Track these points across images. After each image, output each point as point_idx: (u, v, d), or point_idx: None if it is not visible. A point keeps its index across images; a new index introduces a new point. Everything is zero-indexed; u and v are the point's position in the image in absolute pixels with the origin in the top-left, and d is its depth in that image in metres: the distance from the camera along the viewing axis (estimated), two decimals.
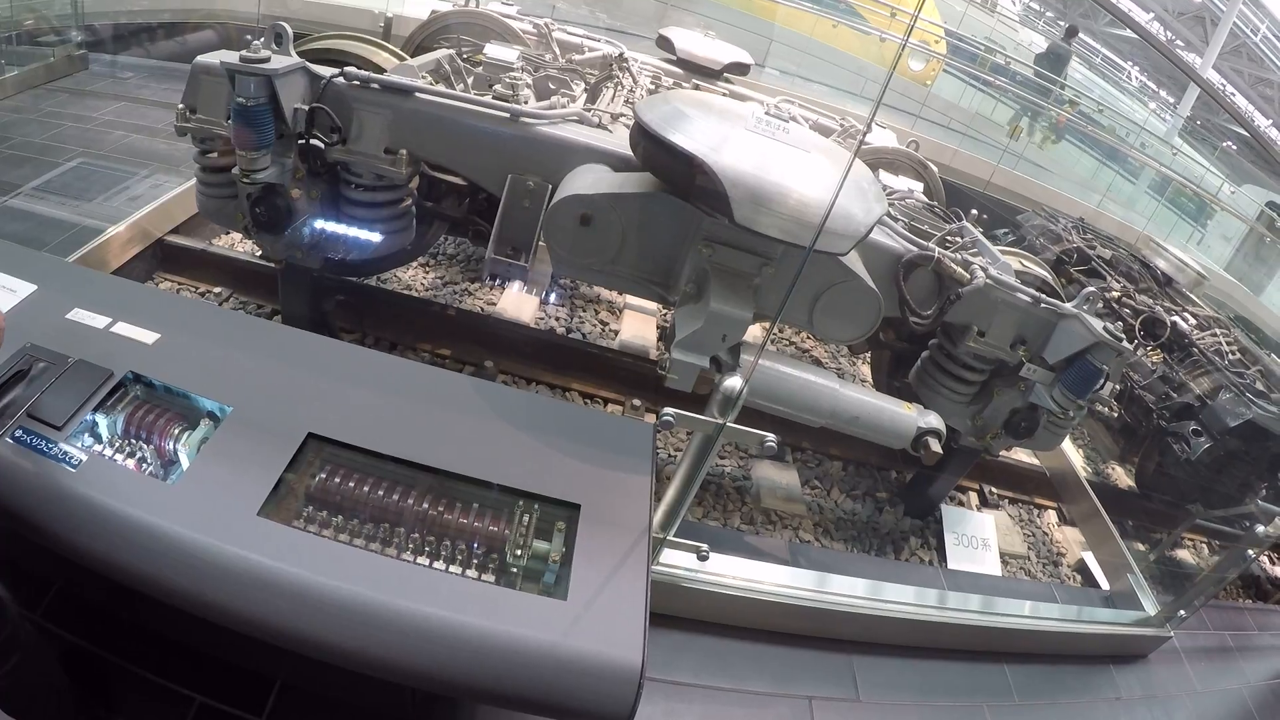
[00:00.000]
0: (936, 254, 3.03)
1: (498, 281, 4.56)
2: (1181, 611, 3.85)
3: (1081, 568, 4.34)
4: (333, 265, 3.44)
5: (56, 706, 1.87)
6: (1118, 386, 4.92)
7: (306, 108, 2.85)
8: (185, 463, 1.70)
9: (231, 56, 2.71)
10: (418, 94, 2.94)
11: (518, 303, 4.39)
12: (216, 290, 3.90)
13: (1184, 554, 5.24)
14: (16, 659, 1.63)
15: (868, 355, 4.88)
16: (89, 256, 3.54)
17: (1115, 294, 5.11)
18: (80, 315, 1.93)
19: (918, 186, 4.01)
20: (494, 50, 3.70)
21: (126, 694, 2.13)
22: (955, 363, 3.30)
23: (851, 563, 3.58)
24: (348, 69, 2.92)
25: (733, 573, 3.03)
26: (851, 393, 3.02)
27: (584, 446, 1.96)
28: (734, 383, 2.19)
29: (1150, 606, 3.88)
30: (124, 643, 2.22)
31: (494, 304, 4.39)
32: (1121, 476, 5.62)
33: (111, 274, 3.47)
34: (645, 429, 2.12)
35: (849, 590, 3.21)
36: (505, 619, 1.52)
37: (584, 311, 4.65)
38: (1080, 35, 13.01)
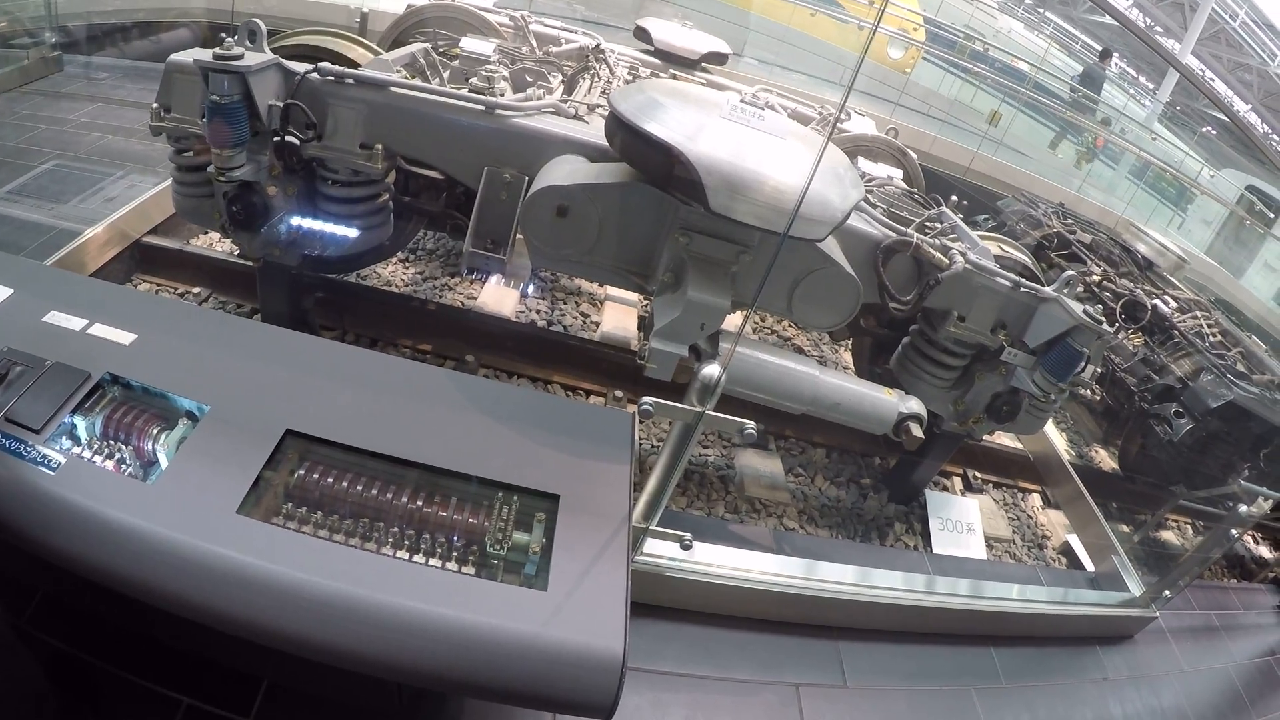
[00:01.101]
0: (915, 239, 3.04)
1: (477, 275, 4.55)
2: (1166, 592, 3.88)
3: (1066, 550, 4.37)
4: (311, 262, 3.42)
5: (37, 713, 1.87)
6: (1099, 369, 4.94)
7: (281, 104, 2.84)
8: (164, 462, 1.69)
9: (205, 54, 2.69)
10: (393, 88, 2.93)
11: (498, 296, 4.38)
12: (195, 290, 3.88)
13: (1168, 535, 5.28)
14: None
15: (849, 342, 4.90)
16: (66, 259, 3.51)
17: (1096, 278, 5.14)
18: (57, 318, 1.92)
19: (897, 173, 4.02)
20: (470, 43, 3.70)
21: (113, 698, 2.13)
22: (936, 348, 3.31)
23: (837, 549, 3.59)
24: (322, 65, 2.90)
25: (717, 561, 3.03)
26: (832, 379, 3.03)
27: (563, 437, 1.96)
28: (712, 370, 2.20)
29: (1135, 587, 3.92)
30: (109, 647, 2.21)
31: (474, 298, 4.38)
32: (1105, 459, 5.66)
33: (90, 276, 3.45)
34: (624, 418, 2.12)
35: (835, 577, 3.23)
36: (486, 611, 1.52)
37: (565, 304, 4.64)
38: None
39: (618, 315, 4.59)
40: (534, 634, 1.50)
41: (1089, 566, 4.21)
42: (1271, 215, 12.64)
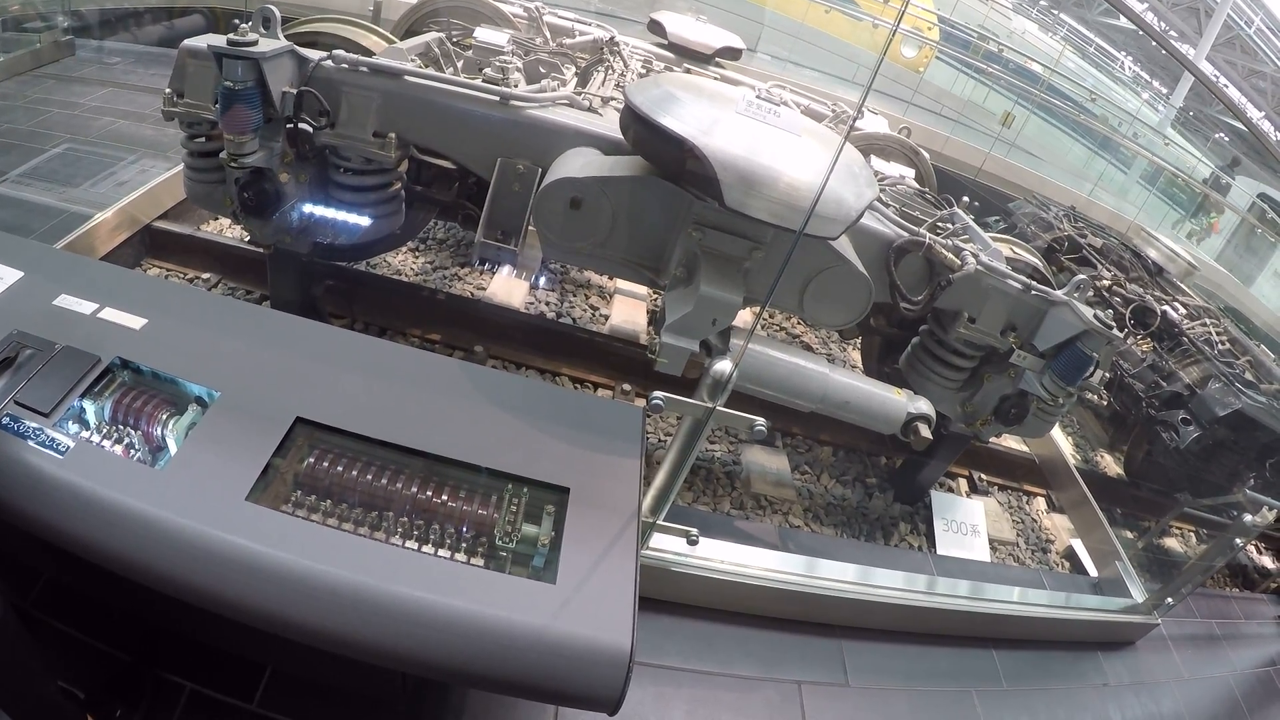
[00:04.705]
0: (928, 240, 3.03)
1: (487, 266, 4.55)
2: (1169, 599, 3.87)
3: (1070, 555, 4.36)
4: (321, 250, 3.42)
5: (39, 696, 1.86)
6: (1107, 374, 4.94)
7: (295, 91, 2.83)
8: (173, 448, 1.69)
9: (219, 40, 2.68)
10: (407, 77, 2.92)
11: (508, 287, 4.38)
12: (205, 276, 3.89)
13: (1172, 542, 5.27)
14: None
15: (858, 340, 4.89)
16: (76, 243, 3.51)
17: (1106, 282, 5.13)
18: (67, 301, 1.92)
19: (909, 173, 4.01)
20: (484, 34, 3.69)
21: (116, 682, 2.13)
22: (945, 349, 3.30)
23: (841, 548, 3.59)
24: (336, 52, 2.89)
25: (722, 557, 3.03)
26: (842, 378, 3.02)
27: (573, 430, 1.96)
28: (724, 367, 2.19)
29: (1138, 594, 3.91)
30: (113, 631, 2.22)
31: (484, 289, 4.38)
32: (1110, 464, 5.64)
33: (99, 260, 3.45)
34: (635, 412, 2.12)
35: (838, 575, 3.23)
36: (494, 603, 1.52)
37: (574, 296, 4.64)
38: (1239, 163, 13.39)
39: (627, 308, 4.59)
40: (542, 627, 1.50)
41: (1092, 571, 4.21)
42: None
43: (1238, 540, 3.83)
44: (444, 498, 1.70)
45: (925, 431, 3.07)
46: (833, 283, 2.91)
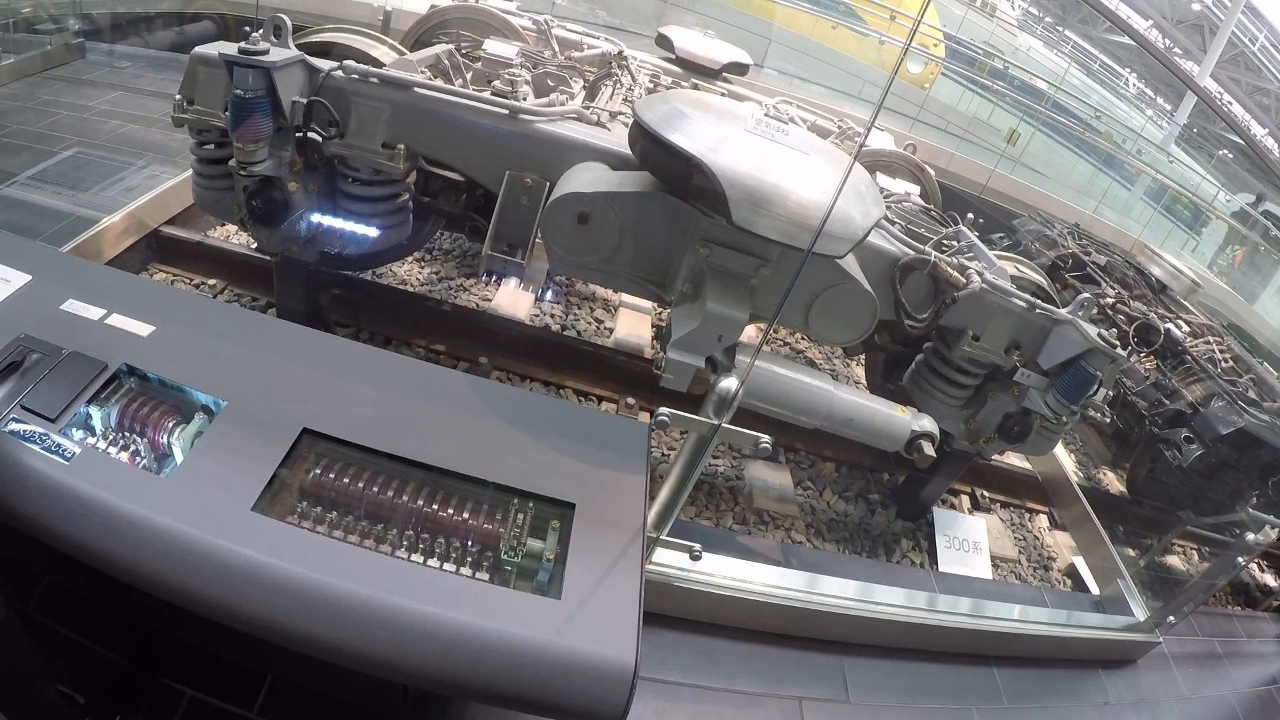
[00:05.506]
0: (933, 258, 3.03)
1: (494, 278, 4.55)
2: (1171, 618, 3.86)
3: (1072, 572, 4.36)
4: (328, 259, 3.43)
5: (39, 700, 1.86)
6: (1111, 392, 4.93)
7: (305, 101, 2.84)
8: (179, 457, 1.69)
9: (230, 48, 2.70)
10: (416, 89, 2.93)
11: (513, 299, 4.39)
12: (211, 282, 3.89)
13: (1174, 560, 5.25)
14: None
15: (862, 357, 4.89)
16: (84, 247, 3.53)
17: (1110, 300, 5.13)
18: (75, 306, 1.92)
19: (914, 190, 4.01)
20: (493, 46, 3.70)
21: (116, 687, 2.13)
22: (950, 366, 3.31)
23: (843, 564, 3.59)
24: (346, 63, 2.91)
25: (724, 572, 3.03)
26: (846, 395, 3.03)
27: (579, 445, 1.95)
28: (730, 384, 2.19)
29: (1140, 612, 3.90)
30: (114, 637, 2.21)
31: (490, 300, 4.38)
32: (1113, 482, 5.64)
33: (106, 265, 3.45)
34: (640, 428, 2.11)
35: (840, 591, 3.22)
36: (499, 617, 1.51)
37: (579, 309, 4.64)
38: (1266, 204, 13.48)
39: (632, 322, 4.59)
40: (546, 642, 1.50)
41: (1094, 589, 4.19)
42: None
43: (1240, 559, 3.82)
44: (449, 511, 1.69)
45: (929, 449, 3.07)
46: (838, 300, 2.92)
